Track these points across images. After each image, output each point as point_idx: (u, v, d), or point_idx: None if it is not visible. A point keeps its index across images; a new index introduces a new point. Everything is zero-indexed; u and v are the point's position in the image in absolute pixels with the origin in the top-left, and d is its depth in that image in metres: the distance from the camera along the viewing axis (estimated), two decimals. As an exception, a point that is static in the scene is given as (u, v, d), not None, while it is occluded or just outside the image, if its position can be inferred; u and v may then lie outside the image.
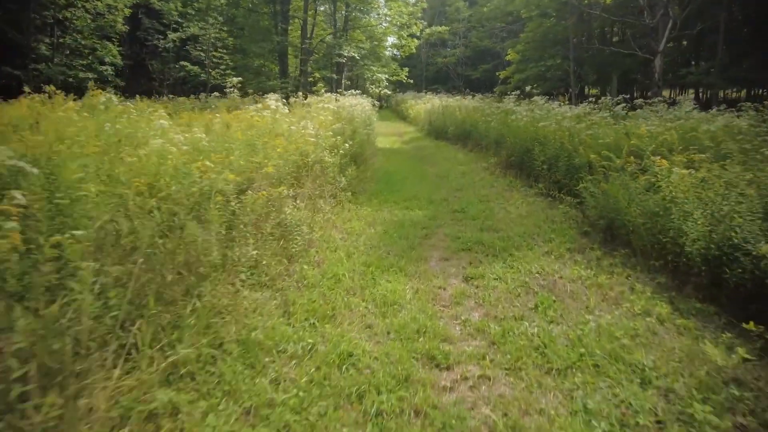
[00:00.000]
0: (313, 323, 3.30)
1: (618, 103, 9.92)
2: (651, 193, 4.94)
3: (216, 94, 15.55)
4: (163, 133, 4.57)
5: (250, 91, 20.04)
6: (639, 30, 17.28)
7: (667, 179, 4.60)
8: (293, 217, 4.60)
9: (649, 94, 29.71)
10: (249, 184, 4.36)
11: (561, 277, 4.35)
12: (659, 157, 4.95)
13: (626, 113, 8.67)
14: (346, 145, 6.83)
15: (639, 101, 9.74)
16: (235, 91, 15.49)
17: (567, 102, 11.07)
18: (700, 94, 30.14)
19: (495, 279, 4.28)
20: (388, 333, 3.21)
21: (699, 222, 4.12)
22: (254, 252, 3.79)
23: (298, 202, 5.06)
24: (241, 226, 3.70)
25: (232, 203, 3.64)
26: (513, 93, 11.34)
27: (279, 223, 4.48)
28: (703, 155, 4.77)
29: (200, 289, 3.04)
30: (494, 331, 3.30)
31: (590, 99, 10.50)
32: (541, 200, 7.46)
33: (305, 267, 4.16)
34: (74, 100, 7.94)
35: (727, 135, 6.13)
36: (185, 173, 3.67)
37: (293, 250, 4.31)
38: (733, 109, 7.87)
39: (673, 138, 5.52)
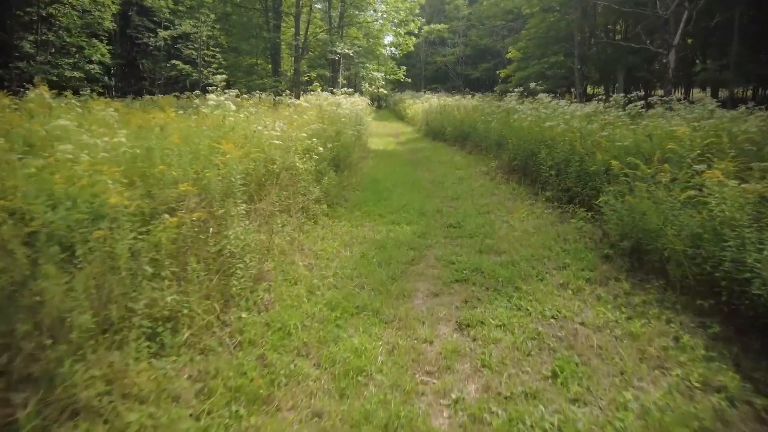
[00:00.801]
0: (237, 411, 2.29)
1: (630, 101, 8.95)
2: (691, 210, 3.95)
3: (197, 92, 14.57)
4: (70, 137, 3.58)
5: (244, 90, 19.07)
6: (648, 23, 16.27)
7: (719, 194, 3.59)
8: (238, 243, 3.60)
9: (659, 91, 28.70)
10: (178, 203, 3.36)
11: (583, 324, 3.34)
12: (705, 166, 3.94)
13: (645, 111, 7.67)
14: (320, 149, 5.83)
15: (654, 98, 8.76)
16: (218, 90, 14.54)
17: (575, 100, 10.10)
18: (707, 92, 29.10)
19: (498, 326, 3.27)
20: (341, 436, 2.20)
21: (765, 253, 3.13)
22: (171, 298, 2.79)
23: (249, 222, 4.06)
24: (145, 265, 2.70)
25: (128, 236, 2.63)
26: (515, 90, 10.35)
27: (219, 251, 3.49)
28: (765, 164, 3.75)
29: (62, 370, 2.04)
30: (497, 422, 2.30)
31: (599, 98, 9.48)
32: (550, 211, 6.45)
33: (244, 315, 3.15)
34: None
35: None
36: (76, 194, 2.68)
37: (234, 288, 3.30)
38: (763, 107, 6.92)
39: (722, 141, 4.51)
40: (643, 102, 8.87)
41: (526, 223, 5.87)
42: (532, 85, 10.62)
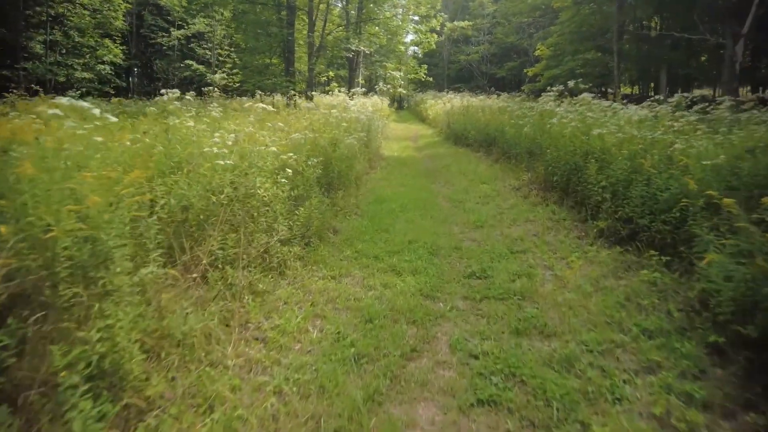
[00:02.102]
0: None
1: (693, 102, 7.23)
2: None
3: (192, 93, 13.18)
4: None
5: (258, 91, 17.79)
6: (701, 12, 14.33)
7: None
8: (116, 345, 2.10)
9: (698, 90, 26.39)
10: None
11: None
12: None
13: (734, 116, 5.94)
14: (289, 171, 4.28)
15: (724, 99, 7.02)
16: (217, 90, 13.23)
17: (624, 102, 8.37)
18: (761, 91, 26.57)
19: None
20: None
21: None
22: None
23: (157, 293, 2.55)
24: None
25: None
26: (553, 89, 8.66)
27: (67, 366, 1.98)
28: None
29: None
30: None
31: (652, 98, 7.74)
32: (607, 251, 4.80)
33: None
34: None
35: None
36: None
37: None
38: None
39: None
40: (710, 104, 7.21)
41: (577, 272, 4.23)
42: (571, 83, 8.89)
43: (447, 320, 3.35)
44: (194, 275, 3.02)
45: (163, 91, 4.05)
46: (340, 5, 26.20)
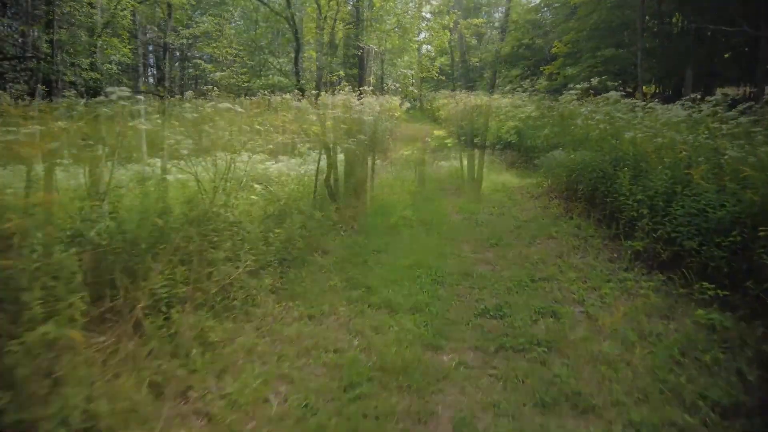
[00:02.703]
0: None
1: (735, 101, 6.40)
2: None
3: (191, 93, 12.53)
4: None
5: (263, 91, 17.16)
6: (733, 5, 13.35)
7: None
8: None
9: (721, 89, 25.13)
10: None
11: None
12: None
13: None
14: (258, 186, 3.54)
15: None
16: (216, 90, 12.63)
17: (654, 100, 7.52)
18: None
19: None
20: None
21: None
22: None
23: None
24: None
25: None
26: (578, 86, 7.80)
27: None
28: None
29: None
30: None
31: (689, 97, 6.88)
32: (647, 279, 4.00)
33: None
34: None
35: None
36: None
37: None
38: None
39: None
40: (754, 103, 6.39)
41: (615, 310, 3.43)
42: (594, 80, 8.04)
43: (451, 384, 2.59)
44: (113, 331, 2.31)
45: (110, 89, 3.38)
46: (351, 3, 25.53)
